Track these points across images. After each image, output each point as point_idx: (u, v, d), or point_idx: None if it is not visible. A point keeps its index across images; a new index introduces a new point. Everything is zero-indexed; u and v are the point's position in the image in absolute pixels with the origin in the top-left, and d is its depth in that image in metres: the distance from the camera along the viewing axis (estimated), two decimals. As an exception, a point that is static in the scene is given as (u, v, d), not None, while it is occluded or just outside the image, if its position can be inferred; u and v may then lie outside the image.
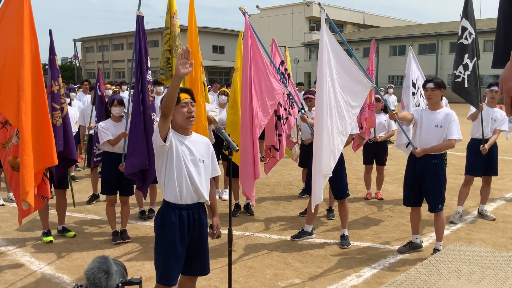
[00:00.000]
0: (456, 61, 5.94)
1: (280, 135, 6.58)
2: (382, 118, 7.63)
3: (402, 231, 6.12)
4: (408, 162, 5.29)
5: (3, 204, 7.45)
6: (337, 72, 4.72)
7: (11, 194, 7.72)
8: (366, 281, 4.60)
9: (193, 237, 3.32)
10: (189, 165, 3.21)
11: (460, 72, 5.87)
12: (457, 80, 5.92)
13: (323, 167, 4.61)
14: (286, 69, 6.89)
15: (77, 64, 52.70)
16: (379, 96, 7.81)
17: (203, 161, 3.31)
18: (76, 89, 14.18)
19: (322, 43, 4.71)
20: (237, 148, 3.33)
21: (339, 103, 4.72)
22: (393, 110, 5.19)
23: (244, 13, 5.76)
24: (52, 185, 5.74)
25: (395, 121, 5.76)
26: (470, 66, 5.81)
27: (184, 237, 3.26)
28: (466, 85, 5.85)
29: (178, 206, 3.23)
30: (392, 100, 14.74)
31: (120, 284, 2.05)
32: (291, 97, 6.65)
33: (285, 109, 6.69)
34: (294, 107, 6.84)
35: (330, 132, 4.65)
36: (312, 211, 5.44)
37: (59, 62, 6.02)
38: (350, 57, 4.91)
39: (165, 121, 3.05)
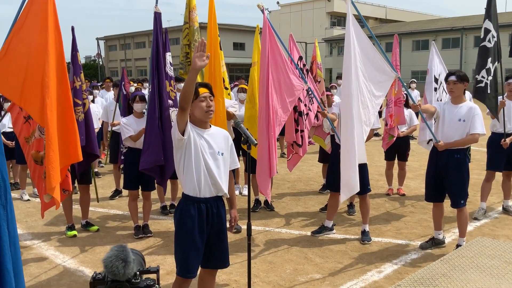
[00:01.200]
0: (479, 64, 5.66)
1: (302, 131, 6.55)
2: (404, 113, 7.51)
3: (424, 227, 6.04)
4: (430, 157, 5.21)
5: (28, 199, 7.63)
6: (361, 61, 4.68)
7: (36, 189, 7.91)
8: (387, 277, 4.56)
9: (212, 230, 3.34)
10: (207, 158, 3.23)
11: (483, 76, 5.60)
12: (479, 85, 5.63)
13: (357, 155, 4.57)
14: (304, 65, 6.85)
15: (100, 63, 53.45)
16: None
17: (222, 154, 3.32)
18: (99, 87, 14.42)
19: (348, 34, 4.67)
20: (256, 142, 3.34)
21: (362, 92, 4.68)
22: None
23: (262, 10, 5.75)
24: (76, 180, 5.86)
25: (417, 114, 5.68)
26: (492, 70, 5.61)
27: (203, 230, 3.28)
28: (488, 91, 5.65)
29: (197, 199, 3.26)
30: (414, 95, 14.53)
31: (138, 273, 2.08)
32: (310, 92, 6.62)
33: (305, 105, 6.66)
34: (313, 103, 6.81)
35: (359, 121, 4.62)
36: (341, 202, 5.36)
37: (82, 60, 6.14)
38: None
39: (183, 114, 3.07)
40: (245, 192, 7.79)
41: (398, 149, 7.58)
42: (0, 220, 2.17)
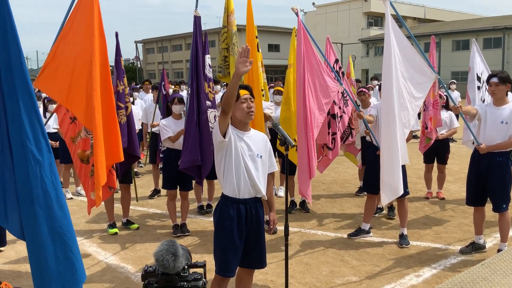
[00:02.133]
0: None
1: (334, 133, 6.52)
2: (444, 115, 7.36)
3: (465, 231, 5.91)
4: (471, 160, 5.10)
5: (71, 198, 7.91)
6: (400, 62, 4.63)
7: (79, 188, 8.20)
8: (426, 281, 4.50)
9: (250, 230, 3.40)
10: (247, 160, 3.30)
11: None
12: None
13: (400, 157, 4.53)
14: (340, 67, 6.83)
15: (139, 65, 54.62)
16: (440, 92, 7.56)
17: (261, 156, 3.38)
18: (138, 89, 14.76)
19: (387, 34, 4.63)
20: (294, 143, 3.37)
21: (402, 94, 4.63)
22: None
23: (296, 13, 5.78)
24: (117, 180, 6.05)
25: (458, 116, 5.56)
26: None
27: (241, 230, 3.35)
28: None
29: (236, 200, 3.32)
30: (454, 96, 14.15)
31: (186, 267, 2.16)
32: (345, 95, 6.60)
33: (340, 108, 6.63)
34: (348, 105, 6.78)
35: (400, 122, 4.58)
36: (384, 205, 5.32)
37: None
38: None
39: (225, 117, 3.15)
40: (280, 193, 7.83)
41: (437, 152, 7.43)
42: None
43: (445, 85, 5.89)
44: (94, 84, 4.19)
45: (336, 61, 6.80)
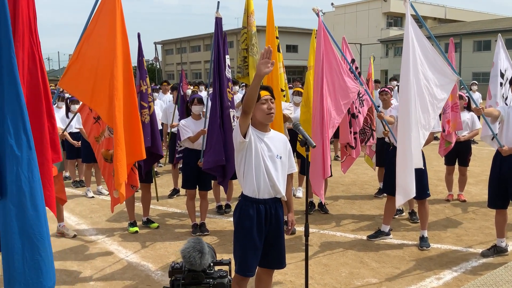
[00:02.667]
0: None
1: (355, 132, 6.53)
2: (466, 116, 7.27)
3: (486, 234, 5.82)
4: (493, 162, 5.03)
5: (93, 196, 8.04)
6: (422, 63, 4.59)
7: (100, 187, 8.32)
8: (446, 284, 4.45)
9: (270, 230, 3.41)
10: (267, 161, 3.32)
11: None
12: None
13: (414, 160, 4.50)
14: (357, 67, 6.81)
15: (158, 66, 55.11)
16: (462, 93, 7.46)
17: (281, 157, 3.39)
18: (158, 90, 14.90)
19: (407, 34, 4.59)
20: (314, 144, 3.38)
21: (423, 96, 4.59)
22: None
23: (317, 14, 5.78)
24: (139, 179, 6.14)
25: (480, 117, 5.48)
26: None
27: (261, 230, 3.36)
28: None
29: (256, 200, 3.34)
30: (476, 97, 13.93)
31: (212, 264, 2.19)
32: (361, 94, 6.58)
33: (355, 107, 6.63)
34: (363, 105, 6.76)
35: (416, 125, 4.53)
36: (397, 206, 5.29)
37: None
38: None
39: (246, 118, 3.17)
40: (298, 194, 7.82)
41: (459, 154, 7.33)
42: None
43: (466, 86, 5.81)
44: (115, 83, 4.25)
45: (353, 61, 6.79)
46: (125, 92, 4.43)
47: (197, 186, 6.02)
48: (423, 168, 4.76)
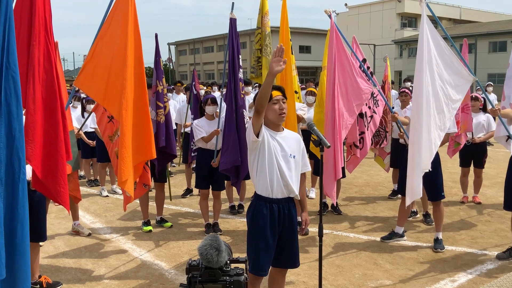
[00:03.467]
0: None
1: (362, 132, 6.49)
2: (481, 117, 7.20)
3: (502, 237, 5.75)
4: (510, 164, 4.97)
5: (107, 196, 8.11)
6: (438, 64, 4.55)
7: (114, 186, 8.39)
8: (461, 286, 4.41)
9: (283, 230, 3.42)
10: (280, 160, 3.32)
11: None
12: None
13: (422, 161, 4.47)
14: (368, 67, 6.77)
15: (171, 67, 55.41)
16: (477, 95, 7.39)
17: (294, 156, 3.39)
18: (171, 90, 14.98)
19: (422, 35, 4.55)
20: (329, 144, 3.37)
21: (438, 96, 4.55)
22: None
23: (329, 16, 5.78)
24: (152, 179, 6.18)
25: (495, 118, 5.42)
26: None
27: (274, 229, 3.37)
28: None
29: (269, 200, 3.35)
30: (491, 99, 13.80)
31: (228, 262, 2.20)
32: (375, 94, 6.55)
33: (369, 107, 6.59)
34: (378, 106, 6.72)
35: (428, 126, 4.50)
36: (406, 207, 5.27)
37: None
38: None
39: (258, 117, 3.17)
40: (311, 195, 7.80)
41: (474, 156, 7.26)
42: None
43: (482, 87, 5.75)
44: (124, 82, 4.28)
45: (364, 60, 6.75)
46: (136, 91, 4.45)
47: (210, 186, 6.04)
48: (430, 170, 4.71)
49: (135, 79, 4.43)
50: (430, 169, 4.68)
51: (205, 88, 13.11)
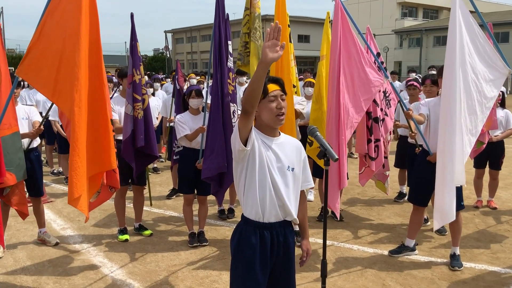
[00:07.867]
0: None
1: (377, 140, 5.67)
2: (499, 113, 6.44)
3: (527, 252, 5.06)
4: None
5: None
6: (470, 54, 3.74)
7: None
8: (488, 320, 3.70)
9: (277, 262, 2.67)
10: (274, 174, 2.56)
11: None
12: None
13: (455, 176, 3.70)
14: (382, 62, 5.97)
15: (168, 55, 54.25)
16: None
17: (293, 169, 2.63)
18: (162, 79, 14.19)
19: (453, 20, 3.75)
20: (337, 156, 2.61)
21: (470, 94, 3.75)
22: None
23: None
24: (130, 181, 5.45)
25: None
26: None
27: (266, 262, 2.62)
28: None
29: (259, 225, 2.60)
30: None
31: None
32: (388, 94, 5.77)
33: (381, 109, 5.78)
34: (390, 106, 5.93)
35: (461, 131, 3.72)
36: (434, 230, 4.54)
37: (150, 53, 5.62)
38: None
39: (247, 120, 2.40)
40: (309, 196, 7.08)
41: (490, 156, 6.53)
42: None
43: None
44: (77, 72, 3.43)
45: (378, 54, 5.94)
46: (92, 83, 3.61)
47: (196, 190, 5.30)
48: (465, 185, 3.94)
49: (91, 68, 3.57)
50: (465, 184, 3.92)
51: (197, 77, 12.33)
